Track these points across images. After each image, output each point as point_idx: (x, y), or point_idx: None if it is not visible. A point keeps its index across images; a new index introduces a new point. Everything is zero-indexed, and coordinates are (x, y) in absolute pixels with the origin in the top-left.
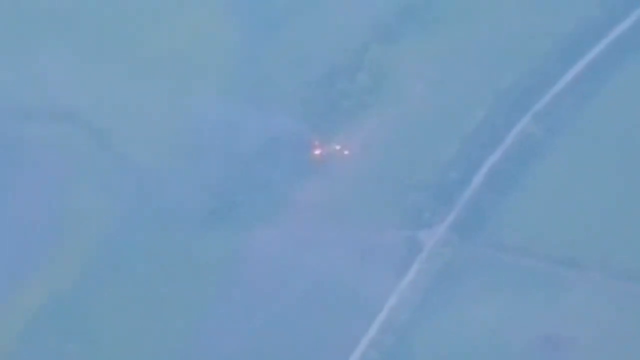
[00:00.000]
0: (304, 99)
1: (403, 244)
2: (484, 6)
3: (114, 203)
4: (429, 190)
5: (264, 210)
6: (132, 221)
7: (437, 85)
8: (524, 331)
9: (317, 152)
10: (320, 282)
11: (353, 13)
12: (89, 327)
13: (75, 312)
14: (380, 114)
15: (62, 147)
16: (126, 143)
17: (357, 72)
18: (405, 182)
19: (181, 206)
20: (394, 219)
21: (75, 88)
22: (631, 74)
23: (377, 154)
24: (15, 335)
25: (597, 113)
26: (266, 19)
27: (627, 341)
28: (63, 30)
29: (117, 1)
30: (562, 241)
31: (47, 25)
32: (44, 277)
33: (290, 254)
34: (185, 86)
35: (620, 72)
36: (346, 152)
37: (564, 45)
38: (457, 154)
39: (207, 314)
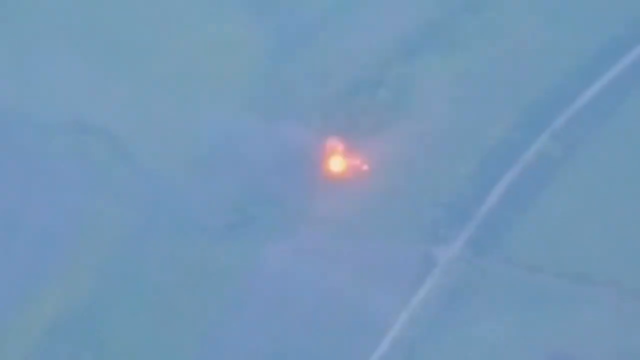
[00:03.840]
0: (323, 114)
1: (417, 259)
2: (507, 24)
3: (130, 213)
4: (445, 206)
5: (280, 224)
6: (148, 232)
7: (457, 102)
8: (535, 349)
9: (335, 166)
10: (333, 296)
11: (376, 29)
12: (105, 336)
13: (91, 321)
14: (400, 130)
15: (79, 158)
16: (143, 154)
17: (378, 88)
18: (421, 198)
19: (197, 218)
20: (409, 235)
21: (92, 98)
22: None
23: (395, 169)
24: (30, 343)
25: (615, 132)
26: (290, 34)
27: None
28: (78, 40)
29: (136, 10)
30: (576, 259)
31: (61, 35)
32: (60, 286)
33: (303, 267)
34: (203, 98)
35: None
36: (364, 167)
37: (585, 63)
38: (475, 170)
39: (220, 325)
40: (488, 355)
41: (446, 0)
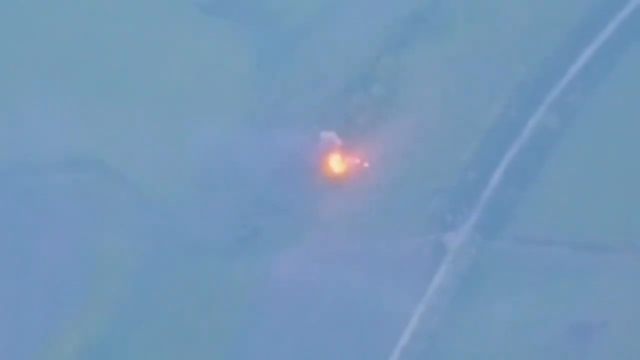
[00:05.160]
0: (320, 117)
1: (428, 249)
2: (491, 5)
3: (138, 243)
4: (449, 192)
5: (288, 231)
6: (159, 258)
7: (450, 88)
8: (555, 321)
9: (336, 167)
10: (349, 296)
11: (361, 26)
12: None
13: (112, 355)
14: (397, 122)
15: (80, 194)
16: (143, 181)
17: (371, 84)
18: (425, 187)
19: (205, 237)
20: (417, 226)
21: (85, 132)
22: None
23: (396, 162)
24: None
25: (609, 96)
26: (275, 42)
27: None
28: (63, 77)
29: (119, 40)
30: (586, 227)
31: (47, 74)
32: (77, 324)
33: (317, 271)
34: (197, 117)
35: (629, 53)
36: (366, 165)
37: (573, 32)
38: (475, 153)
39: (241, 340)
40: (509, 334)
41: None
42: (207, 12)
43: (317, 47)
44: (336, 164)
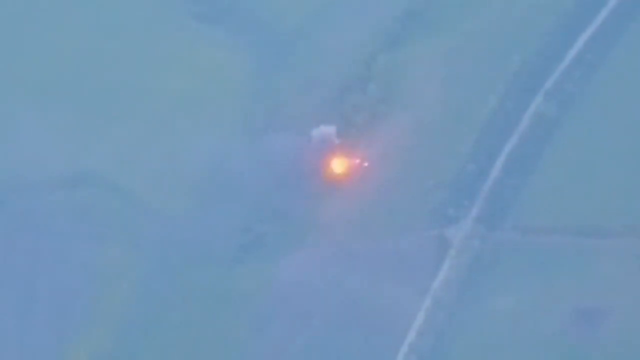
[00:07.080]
0: (318, 119)
1: (431, 244)
2: None
3: (143, 255)
4: (450, 186)
5: (291, 236)
6: (164, 269)
7: (446, 82)
8: (560, 307)
9: (337, 169)
10: (355, 297)
11: (355, 26)
12: None
13: None
14: (395, 120)
15: (81, 210)
16: (144, 194)
17: (367, 83)
18: (426, 183)
19: (209, 246)
20: (419, 222)
21: (83, 148)
22: (635, 37)
23: (396, 160)
24: None
25: (606, 81)
26: (270, 47)
27: None
28: (59, 92)
29: (114, 54)
30: (587, 213)
31: (40, 89)
32: (86, 339)
33: (321, 273)
34: (195, 127)
35: (624, 36)
36: (365, 164)
37: (566, 18)
38: (474, 146)
39: (250, 345)
40: (515, 324)
41: None
42: (201, 20)
43: (312, 49)
44: (336, 165)
